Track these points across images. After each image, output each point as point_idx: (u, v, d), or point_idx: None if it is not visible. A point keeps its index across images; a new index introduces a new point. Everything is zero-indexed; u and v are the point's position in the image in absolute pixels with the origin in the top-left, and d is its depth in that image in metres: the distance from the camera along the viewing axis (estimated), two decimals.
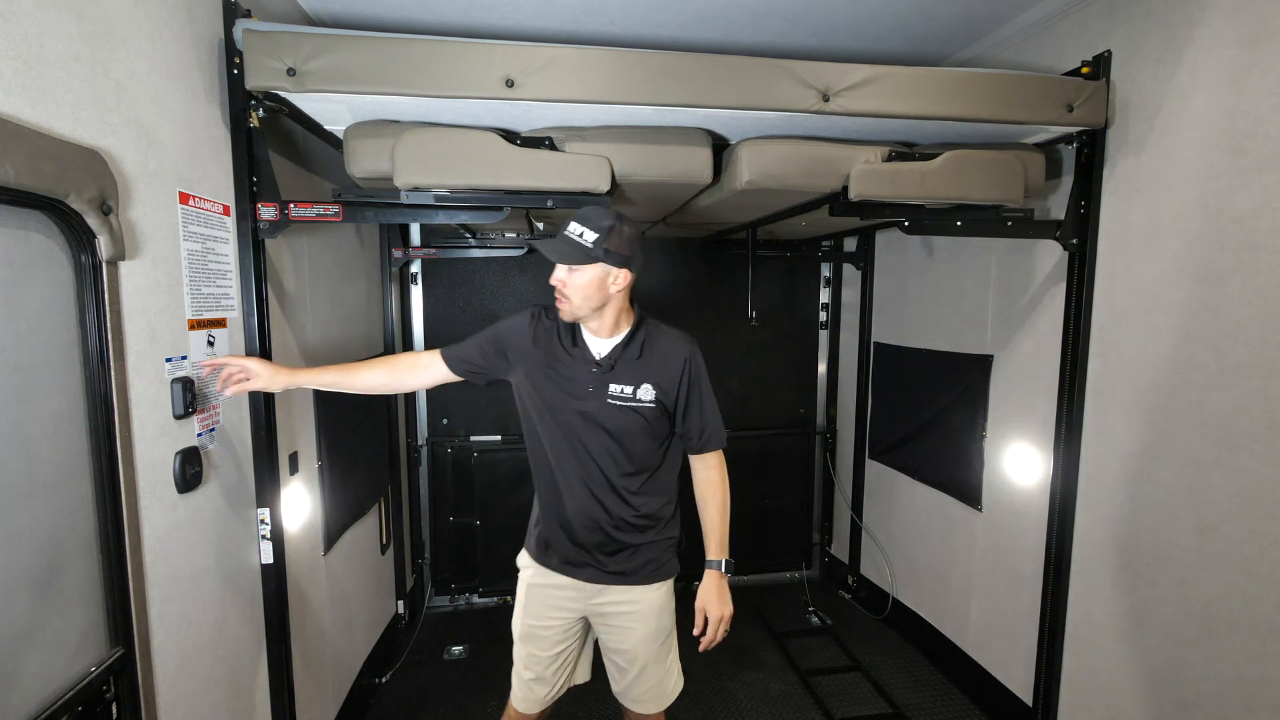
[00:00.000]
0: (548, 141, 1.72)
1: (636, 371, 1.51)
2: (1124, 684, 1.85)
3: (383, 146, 1.66)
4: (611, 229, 1.41)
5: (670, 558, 1.65)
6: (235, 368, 1.46)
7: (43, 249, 1.05)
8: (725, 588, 1.60)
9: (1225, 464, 1.58)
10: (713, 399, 1.59)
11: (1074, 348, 1.96)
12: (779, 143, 1.80)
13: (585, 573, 1.59)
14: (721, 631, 1.58)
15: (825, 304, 3.58)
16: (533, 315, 1.59)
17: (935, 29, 2.12)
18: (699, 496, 1.64)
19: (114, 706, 1.16)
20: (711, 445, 1.60)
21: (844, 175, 1.79)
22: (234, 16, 1.51)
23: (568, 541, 1.58)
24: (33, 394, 1.02)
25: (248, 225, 1.58)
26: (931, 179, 1.79)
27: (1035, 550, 2.15)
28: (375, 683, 2.56)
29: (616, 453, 1.52)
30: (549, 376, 1.53)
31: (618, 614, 1.61)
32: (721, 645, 1.62)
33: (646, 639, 1.62)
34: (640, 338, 1.54)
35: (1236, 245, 1.55)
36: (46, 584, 1.05)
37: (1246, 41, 1.52)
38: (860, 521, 3.35)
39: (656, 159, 1.78)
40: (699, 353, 1.58)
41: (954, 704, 2.51)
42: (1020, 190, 1.86)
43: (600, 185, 1.71)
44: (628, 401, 1.50)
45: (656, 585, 1.62)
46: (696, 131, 1.81)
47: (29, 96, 0.99)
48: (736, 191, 1.84)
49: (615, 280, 1.45)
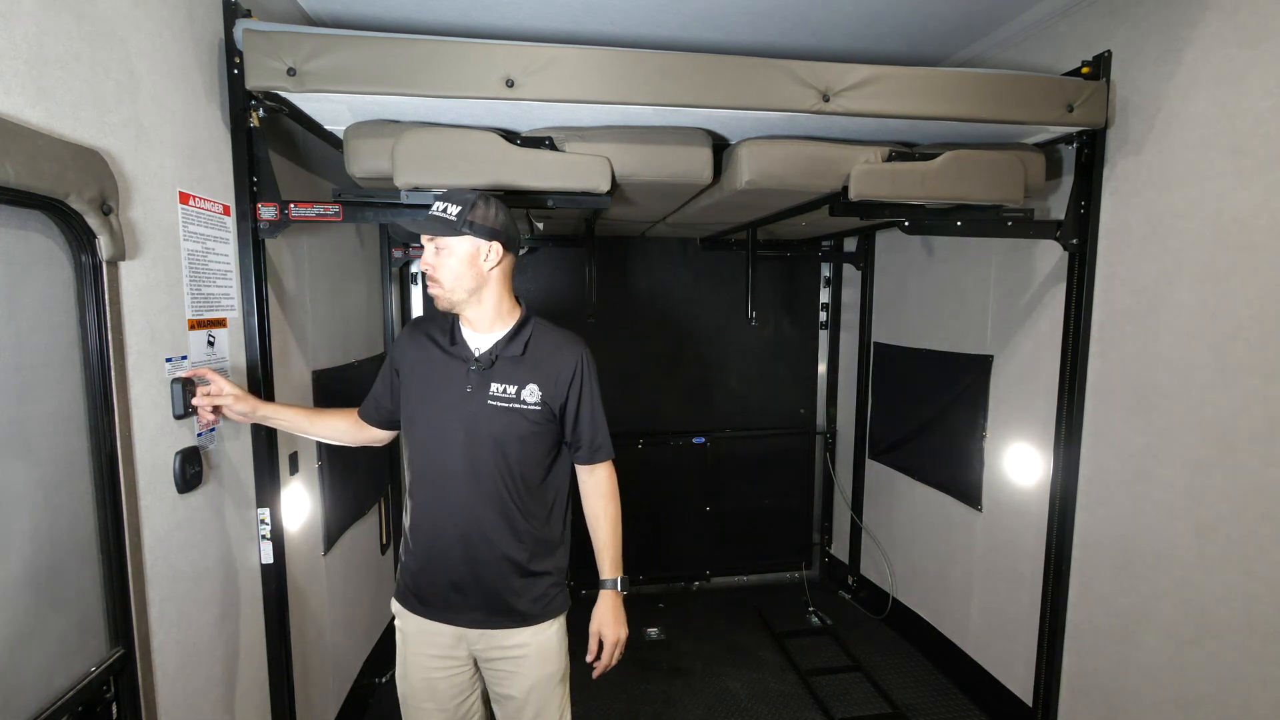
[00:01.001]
0: (548, 141, 1.72)
1: (520, 371, 1.40)
2: (1124, 684, 1.85)
3: (383, 146, 1.66)
4: (474, 203, 1.35)
5: (559, 592, 1.49)
6: (212, 386, 1.38)
7: (43, 249, 1.05)
8: (621, 608, 1.49)
9: (1225, 464, 1.58)
10: (602, 407, 1.47)
11: (1074, 348, 1.96)
12: (779, 143, 1.80)
13: (465, 617, 1.42)
14: (616, 656, 1.48)
15: (825, 304, 3.58)
16: (415, 323, 1.52)
17: (935, 29, 2.11)
18: (589, 512, 1.53)
19: (114, 706, 1.16)
20: (601, 455, 1.49)
21: (844, 175, 1.79)
22: (234, 16, 1.51)
23: (445, 579, 1.41)
24: (33, 394, 1.02)
25: (248, 225, 1.58)
26: (932, 179, 1.79)
27: (1035, 550, 2.15)
28: (375, 683, 2.56)
29: (499, 462, 1.38)
30: (427, 379, 1.42)
31: (504, 659, 1.45)
32: (722, 645, 1.60)
33: (538, 685, 1.45)
34: (525, 335, 1.42)
35: (1236, 245, 1.55)
36: (46, 584, 1.05)
37: (1246, 42, 1.52)
38: (860, 521, 3.35)
39: (657, 159, 1.78)
40: (590, 355, 1.46)
41: (954, 704, 2.51)
42: (1020, 190, 1.86)
43: (600, 185, 1.70)
44: (511, 402, 1.38)
45: (547, 624, 1.46)
46: (696, 132, 1.81)
47: (29, 96, 0.99)
48: (736, 191, 1.84)
49: (487, 256, 1.36)
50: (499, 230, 1.36)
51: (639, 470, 3.40)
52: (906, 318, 2.96)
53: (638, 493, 3.41)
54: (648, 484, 3.42)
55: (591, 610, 1.48)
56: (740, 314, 3.25)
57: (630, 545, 3.42)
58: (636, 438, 3.38)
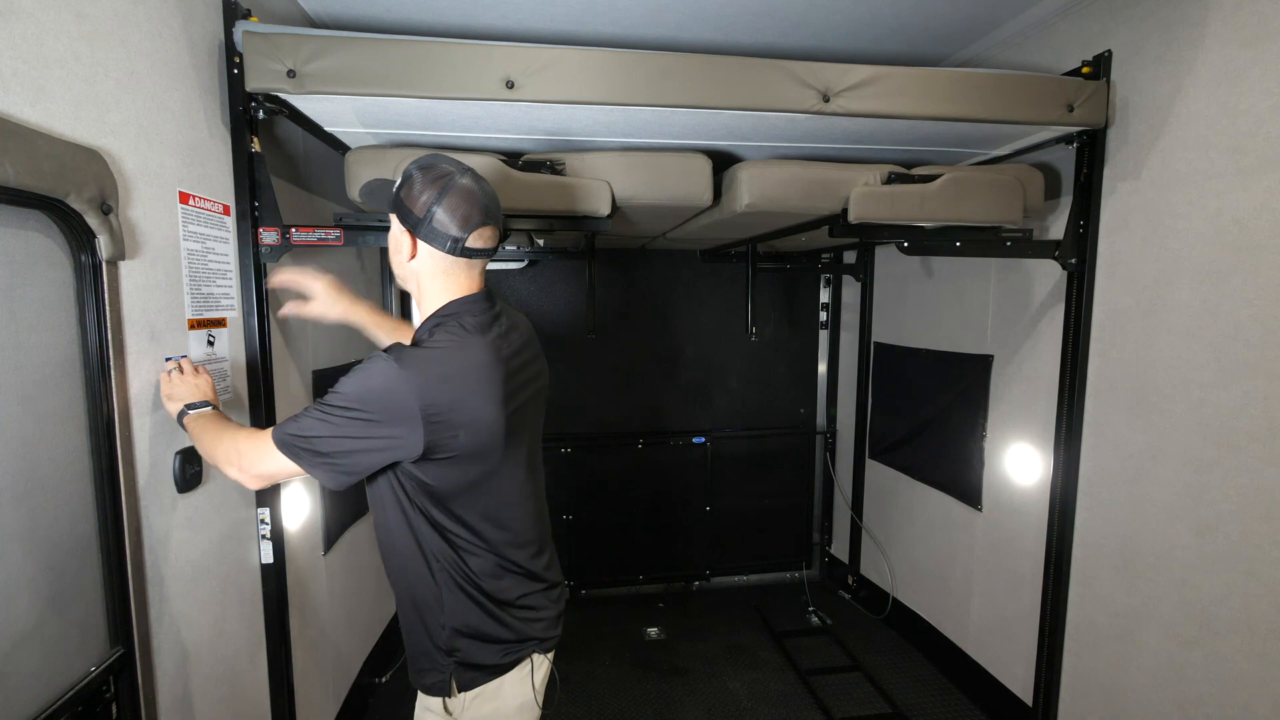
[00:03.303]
0: (549, 164, 1.72)
1: None
2: (1124, 684, 1.85)
3: (384, 170, 1.67)
4: (410, 177, 1.11)
5: (431, 667, 1.19)
6: (300, 281, 1.37)
7: (43, 249, 1.05)
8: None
9: (1225, 464, 1.57)
10: (322, 416, 1.03)
11: (1074, 347, 1.96)
12: (779, 165, 1.81)
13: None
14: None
15: (825, 304, 3.58)
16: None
17: (935, 29, 2.11)
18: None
19: (114, 706, 1.16)
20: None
21: (844, 198, 1.80)
22: (234, 17, 1.51)
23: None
24: (33, 394, 1.02)
25: (247, 225, 1.58)
26: (931, 201, 1.80)
27: (1035, 550, 2.15)
28: (375, 683, 2.56)
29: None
30: None
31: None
32: (722, 645, 1.58)
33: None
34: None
35: (1236, 245, 1.55)
36: (46, 584, 1.05)
37: (1246, 41, 1.52)
38: (860, 521, 3.35)
39: (657, 182, 1.79)
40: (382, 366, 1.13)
41: (954, 704, 2.51)
42: (1019, 211, 1.87)
43: (601, 209, 1.72)
44: None
45: (427, 697, 1.23)
46: (697, 155, 1.83)
47: (29, 96, 0.99)
48: (736, 214, 1.85)
49: (400, 248, 1.13)
50: (421, 220, 1.09)
51: (639, 470, 3.40)
52: (906, 318, 2.96)
53: (638, 492, 3.42)
54: (648, 484, 3.42)
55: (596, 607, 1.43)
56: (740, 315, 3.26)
57: (630, 545, 3.47)
58: (636, 438, 3.38)
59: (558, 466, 3.30)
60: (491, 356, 1.10)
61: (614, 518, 3.40)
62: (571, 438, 3.33)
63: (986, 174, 1.88)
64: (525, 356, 1.22)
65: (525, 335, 1.26)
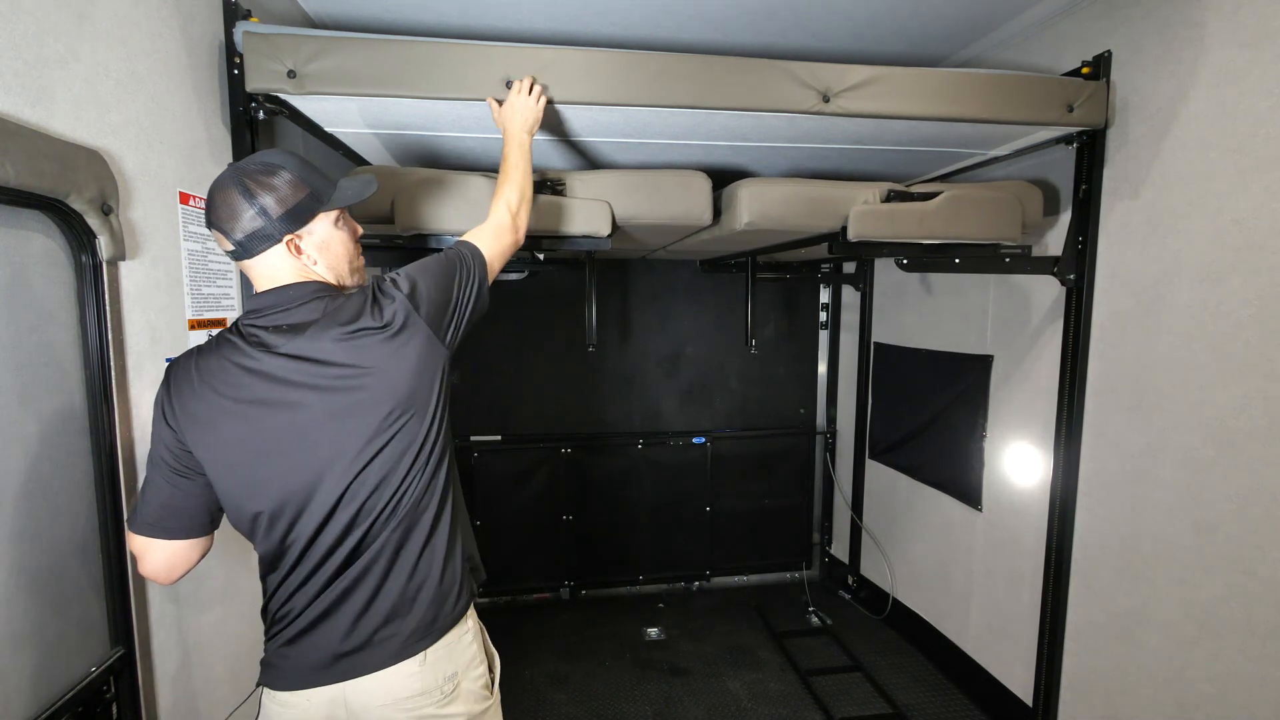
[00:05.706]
0: (549, 184, 1.73)
1: None
2: (1124, 684, 1.85)
3: (383, 192, 1.66)
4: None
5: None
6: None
7: (43, 249, 1.05)
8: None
9: (1225, 464, 1.57)
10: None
11: (1074, 348, 1.96)
12: (778, 184, 1.82)
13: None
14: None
15: (825, 304, 3.59)
16: None
17: (935, 29, 2.11)
18: None
19: (114, 706, 1.16)
20: None
21: (843, 216, 1.81)
22: (234, 18, 1.51)
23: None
24: (33, 394, 1.02)
25: None
26: (929, 219, 1.80)
27: (1035, 550, 2.15)
28: None
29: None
30: None
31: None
32: (722, 645, 1.59)
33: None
34: None
35: (1236, 245, 1.55)
36: (47, 584, 1.05)
37: (1246, 42, 1.52)
38: (860, 521, 3.35)
39: (657, 201, 1.81)
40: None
41: (954, 704, 2.51)
42: (1018, 229, 1.88)
43: (601, 229, 1.73)
44: None
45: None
46: (697, 174, 1.84)
47: (29, 96, 0.99)
48: (736, 231, 1.87)
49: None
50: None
51: (639, 470, 3.40)
52: (906, 319, 2.96)
53: (638, 493, 3.42)
54: (648, 484, 3.42)
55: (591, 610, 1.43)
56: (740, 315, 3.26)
57: (630, 545, 3.46)
58: (636, 438, 3.38)
59: (558, 467, 3.30)
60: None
61: (614, 518, 3.40)
62: (571, 438, 3.33)
63: (985, 192, 1.89)
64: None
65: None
